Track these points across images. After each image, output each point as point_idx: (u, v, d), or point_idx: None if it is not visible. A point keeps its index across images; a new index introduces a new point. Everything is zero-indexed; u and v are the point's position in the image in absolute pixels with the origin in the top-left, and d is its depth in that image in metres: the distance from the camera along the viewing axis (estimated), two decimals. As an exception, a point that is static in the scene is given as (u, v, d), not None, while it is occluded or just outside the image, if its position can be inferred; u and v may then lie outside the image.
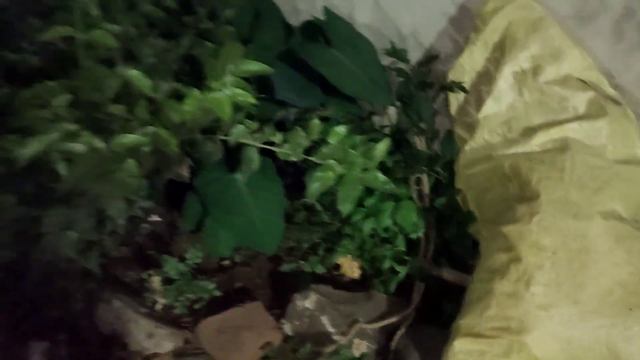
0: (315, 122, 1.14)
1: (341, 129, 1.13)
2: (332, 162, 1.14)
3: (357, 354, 1.56)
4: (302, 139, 1.15)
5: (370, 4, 1.80)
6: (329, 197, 1.50)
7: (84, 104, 1.17)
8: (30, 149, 1.08)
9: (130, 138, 1.09)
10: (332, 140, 1.14)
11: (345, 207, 1.16)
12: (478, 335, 1.32)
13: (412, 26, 1.78)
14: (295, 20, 1.80)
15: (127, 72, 1.19)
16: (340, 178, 1.15)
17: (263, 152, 1.34)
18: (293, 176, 1.57)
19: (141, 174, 1.11)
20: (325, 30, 1.67)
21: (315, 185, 1.14)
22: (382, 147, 1.12)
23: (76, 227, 1.23)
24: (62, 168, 1.09)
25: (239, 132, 1.20)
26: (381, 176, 1.13)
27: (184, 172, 1.21)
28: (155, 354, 1.62)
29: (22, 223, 1.24)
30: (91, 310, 1.66)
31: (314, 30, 1.71)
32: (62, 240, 1.26)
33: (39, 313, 1.63)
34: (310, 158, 1.17)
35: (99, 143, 1.08)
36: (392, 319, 1.59)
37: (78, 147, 1.09)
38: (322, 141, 1.19)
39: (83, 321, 1.65)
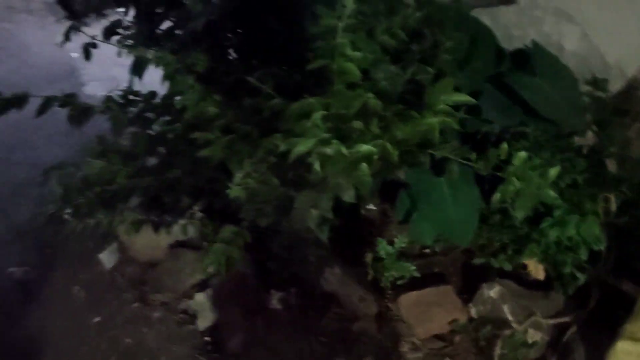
0: (504, 147, 1.50)
1: (523, 154, 1.47)
2: (513, 179, 1.50)
3: (529, 341, 1.87)
4: (492, 158, 1.53)
5: (578, 35, 2.08)
6: (520, 205, 1.79)
7: (333, 118, 1.54)
8: (299, 148, 1.40)
9: (365, 148, 1.43)
10: (515, 162, 1.48)
11: (519, 214, 1.49)
12: (638, 340, 1.58)
13: (617, 56, 2.03)
14: (508, 44, 2.09)
15: (366, 94, 1.53)
16: (518, 192, 1.50)
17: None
18: (491, 183, 1.76)
19: (370, 174, 1.45)
20: (532, 60, 1.97)
21: (498, 195, 1.51)
22: (553, 172, 1.44)
23: (319, 206, 1.64)
24: (317, 165, 1.41)
25: (443, 150, 1.61)
26: (552, 193, 1.44)
27: (401, 175, 1.62)
28: (364, 315, 2.04)
29: (280, 200, 1.66)
30: (318, 272, 2.11)
31: (522, 57, 2.01)
32: (307, 215, 1.63)
33: (281, 269, 2.12)
34: (498, 174, 1.54)
35: (344, 149, 1.39)
36: (566, 318, 1.88)
37: (329, 151, 1.40)
38: (508, 160, 1.54)
39: (311, 280, 2.11)
